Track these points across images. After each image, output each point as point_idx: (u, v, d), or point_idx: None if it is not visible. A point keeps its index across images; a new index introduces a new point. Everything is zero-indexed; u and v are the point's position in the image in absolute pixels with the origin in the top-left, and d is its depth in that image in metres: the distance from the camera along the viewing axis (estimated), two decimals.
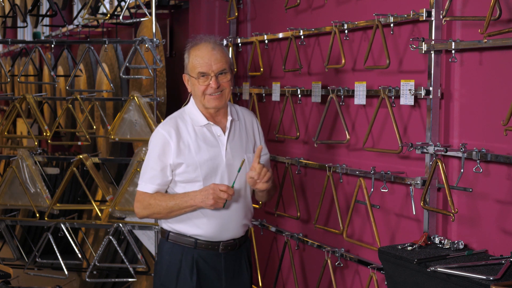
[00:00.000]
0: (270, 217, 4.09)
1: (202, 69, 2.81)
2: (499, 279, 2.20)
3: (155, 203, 2.83)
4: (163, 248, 2.92)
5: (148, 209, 2.86)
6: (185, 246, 2.86)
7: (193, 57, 2.84)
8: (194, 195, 2.78)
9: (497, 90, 2.55)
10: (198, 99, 2.85)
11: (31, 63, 6.59)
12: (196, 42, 2.88)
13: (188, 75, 2.87)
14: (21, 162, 4.35)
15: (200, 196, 2.76)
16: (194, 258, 2.85)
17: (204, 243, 2.85)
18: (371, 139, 3.17)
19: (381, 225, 3.13)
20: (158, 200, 2.83)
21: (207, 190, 2.75)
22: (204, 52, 2.83)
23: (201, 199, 2.76)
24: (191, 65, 2.84)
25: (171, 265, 2.86)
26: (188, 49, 2.88)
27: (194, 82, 2.84)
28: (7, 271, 3.88)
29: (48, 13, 4.95)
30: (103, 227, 4.46)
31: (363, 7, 3.26)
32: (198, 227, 2.84)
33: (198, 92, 2.83)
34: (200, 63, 2.82)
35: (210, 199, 2.73)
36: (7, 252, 4.83)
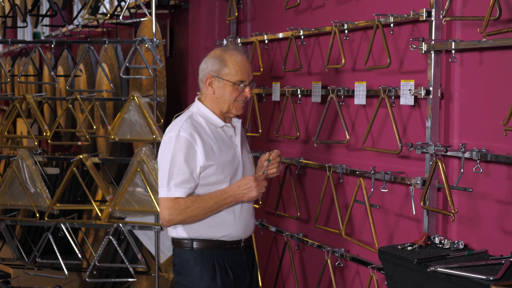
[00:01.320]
0: (270, 217, 4.09)
1: (243, 77, 2.87)
2: (499, 279, 2.20)
3: (194, 206, 2.78)
4: (188, 259, 2.86)
5: (184, 214, 2.78)
6: (214, 251, 2.86)
7: (232, 62, 2.86)
8: (234, 191, 2.82)
9: (497, 90, 2.55)
10: (225, 104, 2.88)
11: (31, 63, 6.59)
12: (230, 48, 2.92)
13: (220, 78, 2.86)
14: (21, 162, 4.35)
15: (241, 191, 2.82)
16: (224, 260, 2.88)
17: (229, 243, 2.89)
18: (371, 139, 3.17)
19: (381, 225, 3.13)
20: (196, 203, 2.79)
21: (248, 183, 2.82)
22: (244, 60, 2.90)
23: (243, 193, 2.82)
24: (228, 70, 2.86)
25: (205, 273, 2.84)
26: (221, 54, 2.89)
27: (228, 87, 2.86)
28: (7, 271, 3.88)
29: (48, 13, 4.95)
30: (103, 227, 4.46)
31: (363, 7, 3.26)
32: (227, 227, 2.87)
33: (230, 97, 2.87)
34: (242, 70, 2.87)
35: (254, 191, 2.81)
36: (7, 252, 4.83)
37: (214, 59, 2.89)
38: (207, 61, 2.91)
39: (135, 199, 4.11)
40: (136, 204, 4.10)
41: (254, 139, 4.27)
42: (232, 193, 2.83)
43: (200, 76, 2.94)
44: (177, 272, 2.93)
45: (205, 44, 4.51)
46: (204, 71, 2.91)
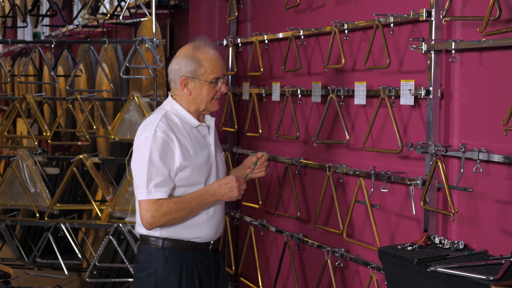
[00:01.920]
0: (270, 217, 4.09)
1: (219, 74, 2.83)
2: (499, 279, 2.19)
3: (176, 208, 2.73)
4: (157, 258, 2.81)
5: (167, 216, 2.73)
6: (183, 251, 2.83)
7: (207, 61, 2.81)
8: (215, 190, 2.78)
9: (497, 90, 2.55)
10: (202, 103, 2.83)
11: (31, 63, 6.59)
12: (201, 46, 2.84)
13: (196, 79, 2.81)
14: (21, 162, 4.36)
15: (222, 190, 2.78)
16: (193, 262, 2.84)
17: (199, 245, 2.85)
18: (371, 139, 3.17)
19: (381, 225, 3.13)
20: (179, 204, 2.74)
21: (229, 182, 2.78)
22: (217, 56, 2.85)
23: (224, 193, 2.78)
24: (204, 70, 2.80)
25: (172, 274, 2.80)
26: (194, 53, 2.82)
27: (205, 86, 2.81)
28: (7, 271, 3.88)
29: (48, 13, 4.95)
30: (103, 227, 4.46)
31: (363, 7, 3.26)
32: (200, 229, 2.83)
33: (208, 96, 2.83)
34: (217, 67, 2.83)
35: (235, 191, 2.78)
36: (7, 252, 4.83)
37: (187, 60, 2.81)
38: (179, 61, 2.83)
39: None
40: None
41: (254, 139, 4.27)
42: (213, 192, 2.79)
43: (172, 77, 2.86)
44: (139, 270, 2.85)
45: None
46: (177, 72, 2.83)
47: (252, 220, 4.12)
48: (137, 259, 2.91)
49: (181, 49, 2.89)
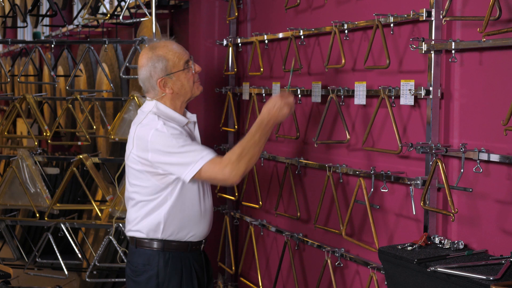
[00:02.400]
0: (270, 217, 4.09)
1: (186, 58, 2.86)
2: (499, 279, 2.20)
3: (244, 151, 2.73)
4: (157, 261, 2.81)
5: (242, 159, 2.71)
6: (181, 252, 2.84)
7: (169, 53, 2.82)
8: (268, 116, 2.81)
9: (497, 90, 2.55)
10: (187, 92, 2.86)
11: (31, 63, 6.60)
12: (155, 44, 2.86)
13: (171, 74, 2.81)
14: (21, 162, 4.36)
15: (273, 113, 2.82)
16: (190, 262, 2.86)
17: (194, 244, 2.87)
18: (371, 139, 3.17)
19: (381, 225, 3.13)
20: (243, 145, 2.74)
21: (276, 103, 2.82)
22: (173, 44, 2.88)
23: (276, 115, 2.83)
24: (172, 62, 2.82)
25: (172, 276, 2.81)
26: (154, 53, 2.82)
27: (182, 75, 2.83)
28: (7, 271, 3.88)
29: (48, 13, 4.95)
30: (103, 227, 4.46)
31: (363, 7, 3.26)
32: (194, 226, 2.84)
33: (189, 83, 2.86)
34: (180, 52, 2.85)
35: (285, 108, 2.83)
36: (7, 252, 4.83)
37: (152, 62, 2.81)
38: (146, 68, 2.82)
39: None
40: None
41: None
42: (267, 119, 2.81)
43: (147, 85, 2.85)
44: (137, 273, 2.84)
45: (205, 44, 4.51)
46: (151, 79, 2.82)
47: (252, 220, 4.12)
48: (132, 262, 2.88)
49: (140, 58, 2.89)
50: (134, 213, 2.87)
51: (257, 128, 2.79)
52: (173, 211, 2.81)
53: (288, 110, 2.83)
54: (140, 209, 2.84)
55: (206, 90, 3.71)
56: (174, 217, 2.82)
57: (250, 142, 2.75)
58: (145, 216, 2.83)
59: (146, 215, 2.83)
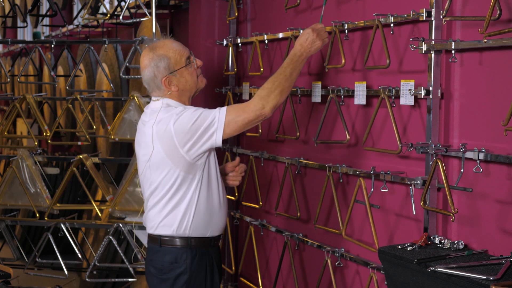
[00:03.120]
0: (270, 217, 4.09)
1: (186, 54, 2.90)
2: (499, 279, 2.20)
3: (276, 82, 2.78)
4: (185, 258, 2.85)
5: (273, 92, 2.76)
6: (205, 248, 2.89)
7: (170, 51, 2.87)
8: (300, 51, 2.87)
9: (497, 90, 2.55)
10: (192, 87, 2.92)
11: (31, 63, 6.60)
12: (154, 44, 2.90)
13: (174, 72, 2.86)
14: (21, 162, 4.36)
15: (305, 46, 2.87)
16: (212, 257, 2.93)
17: (214, 239, 2.94)
18: (371, 139, 3.17)
19: (381, 225, 3.13)
20: (274, 78, 2.79)
21: (308, 37, 2.89)
22: (172, 42, 2.92)
23: (309, 48, 2.88)
24: (174, 59, 2.86)
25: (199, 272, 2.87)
26: (155, 53, 2.86)
27: (185, 71, 2.88)
28: (7, 271, 3.89)
29: (48, 13, 4.95)
30: (103, 227, 4.46)
31: (363, 7, 3.26)
32: (213, 221, 2.89)
33: (193, 78, 2.91)
34: (181, 49, 2.89)
35: (317, 41, 2.90)
36: (7, 252, 4.83)
37: (155, 63, 2.85)
38: (150, 69, 2.86)
39: (135, 199, 4.11)
40: (136, 204, 4.10)
41: (254, 139, 4.27)
42: (299, 53, 2.86)
43: (152, 85, 2.89)
44: (163, 272, 2.87)
45: (205, 44, 4.51)
46: (155, 79, 2.86)
47: (252, 220, 4.12)
48: (156, 261, 2.91)
49: (141, 60, 2.93)
50: (159, 213, 2.89)
51: (289, 61, 2.85)
52: (200, 207, 2.86)
53: (320, 43, 2.89)
54: (164, 207, 2.88)
55: (206, 90, 3.71)
56: (201, 212, 2.87)
57: (281, 76, 2.80)
58: (170, 212, 2.87)
59: (171, 211, 2.87)
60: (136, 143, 3.01)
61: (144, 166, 2.91)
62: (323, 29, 2.92)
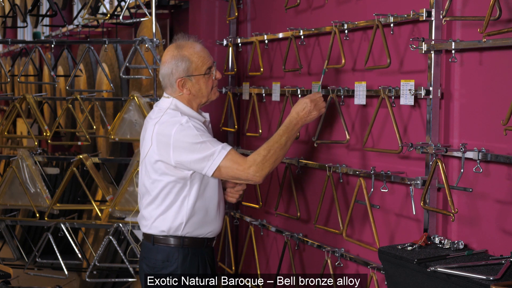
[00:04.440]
0: (270, 217, 4.09)
1: (209, 63, 2.89)
2: (499, 279, 2.20)
3: (270, 152, 2.79)
4: (176, 257, 2.86)
5: (267, 161, 2.77)
6: (198, 248, 2.90)
7: (195, 56, 2.86)
8: (296, 119, 2.88)
9: (497, 90, 2.55)
10: (204, 96, 2.90)
11: (31, 63, 6.60)
12: (183, 43, 2.89)
13: (191, 76, 2.85)
14: (21, 162, 4.36)
15: (302, 116, 2.89)
16: (205, 257, 2.93)
17: (209, 240, 2.95)
18: (371, 139, 3.17)
19: (381, 225, 3.13)
20: (270, 147, 2.80)
21: (305, 107, 2.89)
22: (200, 47, 2.91)
23: (306, 117, 2.90)
24: (195, 65, 2.85)
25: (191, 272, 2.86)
26: (180, 52, 2.86)
27: (202, 79, 2.87)
28: (7, 271, 3.88)
29: (48, 13, 4.95)
30: (103, 227, 4.46)
31: (363, 7, 3.26)
32: (212, 223, 2.90)
33: (207, 88, 2.90)
34: (206, 57, 2.88)
35: (314, 111, 2.91)
36: (7, 252, 4.83)
37: (176, 61, 2.85)
38: (169, 65, 2.86)
39: (135, 199, 4.11)
40: (136, 204, 4.10)
41: (254, 139, 4.27)
42: (295, 121, 2.88)
43: (167, 82, 2.89)
44: (155, 270, 2.88)
45: (205, 44, 4.48)
46: (171, 76, 2.87)
47: (252, 220, 4.12)
48: (149, 259, 2.92)
49: (165, 53, 2.92)
50: (153, 210, 2.90)
51: (285, 129, 2.86)
52: (194, 208, 2.86)
53: (317, 113, 2.90)
54: (159, 206, 2.88)
55: None
56: (195, 214, 2.87)
57: (276, 144, 2.81)
58: (164, 212, 2.87)
59: (165, 210, 2.87)
60: (141, 139, 3.01)
61: (141, 161, 2.93)
62: (321, 99, 2.92)
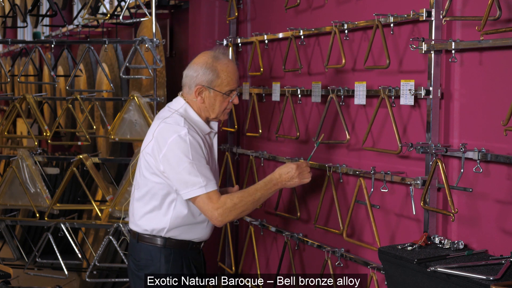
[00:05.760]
0: (270, 217, 4.09)
1: (233, 86, 2.88)
2: (499, 279, 2.20)
3: (241, 203, 2.78)
4: (159, 257, 2.86)
5: (234, 211, 2.76)
6: (182, 249, 2.88)
7: (225, 73, 2.85)
8: (277, 180, 2.85)
9: (497, 90, 2.55)
10: (213, 112, 2.88)
11: (31, 63, 6.59)
12: (220, 56, 2.87)
13: (211, 89, 2.84)
14: (21, 162, 4.36)
15: (283, 179, 2.86)
16: (189, 259, 2.91)
17: (195, 243, 2.93)
18: (371, 139, 3.17)
19: (381, 225, 3.13)
20: (243, 198, 2.79)
21: (290, 172, 2.85)
22: (234, 69, 2.89)
23: (285, 182, 2.86)
24: (220, 81, 2.84)
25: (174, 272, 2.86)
26: (213, 63, 2.84)
27: (219, 97, 2.86)
28: (7, 271, 3.88)
29: (48, 13, 4.95)
30: (103, 227, 4.46)
31: (363, 7, 3.26)
32: (201, 230, 2.89)
33: (220, 107, 2.88)
34: (233, 80, 2.87)
35: (296, 179, 2.86)
36: (7, 252, 4.83)
37: (205, 69, 2.83)
38: (197, 69, 2.85)
39: None
40: None
41: (254, 139, 4.27)
42: (275, 181, 2.85)
43: (187, 82, 2.88)
44: (139, 267, 2.89)
45: (205, 44, 4.51)
46: (194, 79, 2.85)
47: (252, 220, 4.12)
48: (134, 256, 2.93)
49: (199, 56, 2.91)
50: (140, 207, 2.89)
51: (263, 186, 2.85)
52: (180, 214, 2.84)
53: (298, 182, 2.87)
54: (146, 204, 2.87)
55: None
56: (181, 219, 2.85)
57: (249, 198, 2.80)
58: (150, 212, 2.86)
59: (151, 211, 2.86)
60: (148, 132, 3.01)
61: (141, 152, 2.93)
62: (307, 169, 2.89)
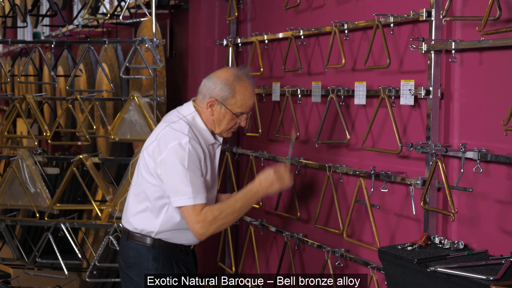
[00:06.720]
0: (270, 217, 4.09)
1: (245, 110, 2.89)
2: (499, 279, 2.20)
3: (222, 215, 2.75)
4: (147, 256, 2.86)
5: (214, 224, 2.74)
6: (170, 250, 2.89)
7: (241, 95, 2.85)
8: (257, 188, 2.82)
9: (497, 90, 2.55)
10: (219, 128, 2.89)
11: (31, 63, 6.59)
12: (243, 77, 2.88)
13: (223, 105, 2.84)
14: (21, 162, 4.36)
15: (263, 187, 2.82)
16: (178, 260, 2.92)
17: (184, 246, 2.93)
18: (371, 139, 3.17)
19: (381, 225, 3.13)
20: (223, 209, 2.76)
21: (268, 178, 2.82)
22: (251, 93, 2.89)
23: (267, 188, 2.82)
24: (235, 101, 2.84)
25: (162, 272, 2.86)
26: (234, 82, 2.84)
27: (228, 115, 2.86)
28: (7, 271, 3.88)
29: (48, 13, 4.95)
30: (103, 227, 4.46)
31: (363, 7, 3.26)
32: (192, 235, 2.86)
33: (227, 125, 2.89)
34: (248, 104, 2.88)
35: (276, 185, 2.81)
36: (7, 252, 4.83)
37: (224, 85, 2.83)
38: (217, 82, 2.85)
39: None
40: None
41: (254, 139, 4.27)
42: (256, 189, 2.83)
43: (203, 91, 2.88)
44: (128, 265, 2.91)
45: (205, 44, 4.51)
46: (210, 91, 2.85)
47: (252, 220, 4.12)
48: (123, 253, 2.95)
49: (223, 70, 2.92)
50: (134, 205, 2.90)
51: (243, 196, 2.82)
52: (172, 219, 2.85)
53: (280, 186, 2.83)
54: (140, 203, 2.88)
55: None
56: (172, 224, 2.86)
57: (229, 209, 2.78)
58: (143, 211, 2.87)
59: (144, 210, 2.87)
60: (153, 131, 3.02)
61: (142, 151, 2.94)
62: (286, 172, 2.85)
